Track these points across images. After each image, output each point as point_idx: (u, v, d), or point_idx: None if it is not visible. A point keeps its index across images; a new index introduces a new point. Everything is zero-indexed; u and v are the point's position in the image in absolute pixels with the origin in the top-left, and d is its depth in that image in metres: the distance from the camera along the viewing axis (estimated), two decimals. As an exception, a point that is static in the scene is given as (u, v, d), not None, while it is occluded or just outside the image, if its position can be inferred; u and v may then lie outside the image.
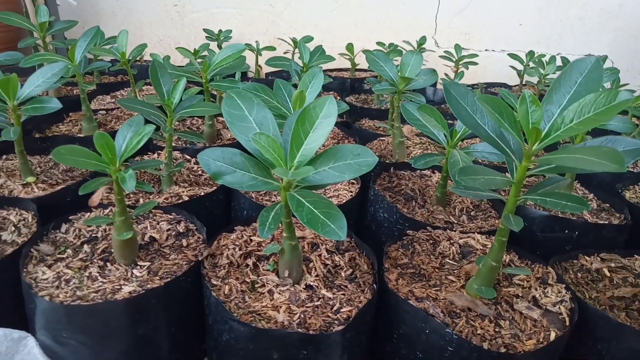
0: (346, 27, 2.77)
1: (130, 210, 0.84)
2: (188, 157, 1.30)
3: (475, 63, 2.15)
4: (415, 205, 1.12)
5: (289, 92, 1.12)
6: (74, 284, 0.79)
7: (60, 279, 0.80)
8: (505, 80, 2.58)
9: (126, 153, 0.77)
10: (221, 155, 0.72)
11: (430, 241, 0.97)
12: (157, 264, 0.85)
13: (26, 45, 1.63)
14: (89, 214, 0.99)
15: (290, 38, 2.45)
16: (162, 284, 0.78)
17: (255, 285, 0.82)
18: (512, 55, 2.16)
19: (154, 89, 1.88)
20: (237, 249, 0.89)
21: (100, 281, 0.80)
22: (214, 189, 1.12)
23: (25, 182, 1.11)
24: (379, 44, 2.29)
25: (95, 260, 0.85)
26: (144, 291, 0.76)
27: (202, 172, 1.24)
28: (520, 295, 0.83)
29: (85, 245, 0.89)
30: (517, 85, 2.43)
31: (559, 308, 0.79)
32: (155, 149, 1.34)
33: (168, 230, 0.95)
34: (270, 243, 0.93)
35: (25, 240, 0.90)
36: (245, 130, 0.75)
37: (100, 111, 1.57)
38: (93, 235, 0.92)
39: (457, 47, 2.20)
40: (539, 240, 1.06)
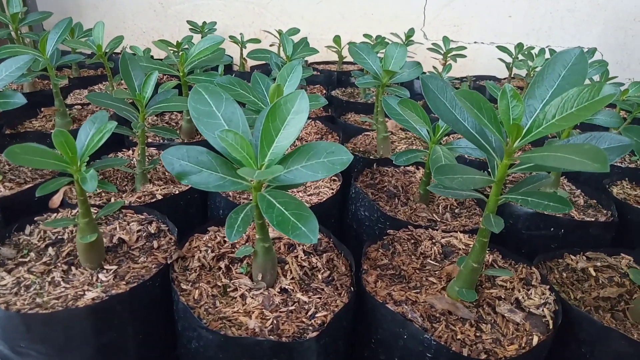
0: (333, 19, 2.72)
1: (95, 211, 0.80)
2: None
3: (463, 56, 2.12)
4: (398, 203, 1.09)
5: (267, 86, 1.08)
6: (34, 290, 0.75)
7: (20, 285, 0.75)
8: (494, 73, 2.56)
9: (87, 151, 0.73)
10: (186, 154, 0.68)
11: (412, 241, 0.93)
12: (125, 268, 0.81)
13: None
14: (55, 214, 0.94)
15: (276, 30, 2.40)
16: (128, 290, 0.74)
17: (227, 290, 0.79)
18: (501, 48, 2.13)
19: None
20: (210, 251, 0.85)
21: (63, 287, 0.76)
22: (190, 187, 1.08)
23: (-10, 181, 1.07)
24: (365, 36, 2.25)
25: (60, 264, 0.81)
26: (107, 297, 0.72)
27: (179, 170, 1.20)
28: (503, 297, 0.80)
29: (50, 248, 0.85)
30: (506, 78, 2.40)
31: (543, 310, 0.77)
32: (131, 145, 1.30)
33: (139, 231, 0.91)
34: (244, 245, 0.89)
35: (-14, 243, 0.85)
36: (213, 127, 0.71)
37: (75, 106, 1.52)
38: (59, 237, 0.88)
39: (446, 40, 2.17)
40: (524, 238, 1.03)
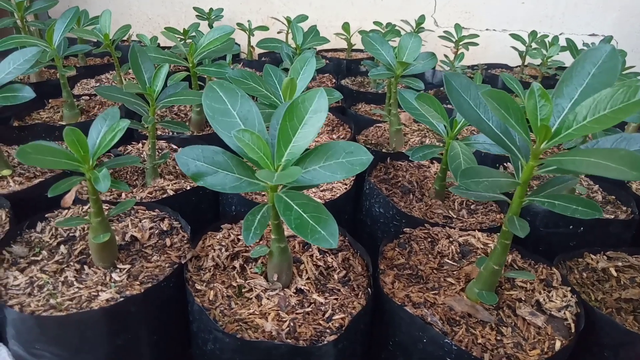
0: (342, 5, 2.67)
1: (107, 208, 0.78)
2: (175, 147, 1.24)
3: (475, 44, 2.07)
4: (412, 199, 1.07)
5: (279, 79, 1.06)
6: (47, 290, 0.74)
7: (33, 285, 0.75)
8: (506, 61, 2.51)
9: (99, 150, 0.71)
10: (201, 154, 0.66)
11: (429, 239, 0.92)
12: (138, 267, 0.80)
13: (3, 25, 1.54)
14: (66, 211, 0.93)
15: (284, 17, 2.36)
16: (142, 291, 0.73)
17: (243, 290, 0.77)
18: (514, 36, 2.08)
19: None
20: (224, 250, 0.84)
21: (76, 287, 0.75)
22: (201, 182, 1.06)
23: (0, 175, 1.05)
24: (376, 23, 2.20)
25: (72, 263, 0.80)
26: (122, 299, 0.71)
27: (189, 163, 1.18)
28: (523, 299, 0.78)
29: (62, 246, 0.84)
30: (519, 67, 2.35)
31: (564, 313, 0.75)
32: (140, 138, 1.28)
33: (151, 228, 0.90)
34: (258, 243, 0.88)
35: (-3, 241, 0.84)
36: (228, 126, 0.69)
37: (83, 96, 1.49)
38: (71, 234, 0.87)
39: (457, 27, 2.12)
40: (542, 235, 1.01)
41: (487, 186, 0.60)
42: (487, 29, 2.60)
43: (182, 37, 2.17)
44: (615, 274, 0.87)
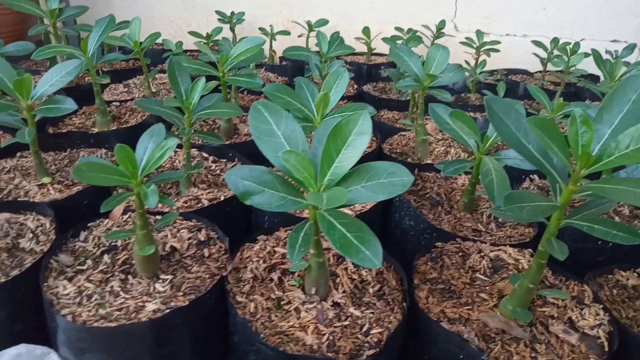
0: (362, 9, 2.68)
1: (151, 221, 0.81)
2: (205, 156, 1.27)
3: (497, 50, 2.08)
4: (441, 211, 1.08)
5: (311, 92, 1.08)
6: (95, 300, 0.77)
7: (82, 295, 0.78)
8: (526, 67, 2.50)
9: (148, 167, 0.73)
10: (249, 173, 0.69)
11: (460, 254, 0.93)
12: (180, 278, 0.83)
13: (37, 32, 1.58)
14: (107, 220, 0.96)
15: (305, 21, 2.38)
16: (187, 303, 0.75)
17: (281, 303, 0.80)
18: (536, 43, 2.07)
19: (167, 77, 1.84)
20: (261, 262, 0.86)
21: (123, 297, 0.77)
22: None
23: (40, 183, 1.09)
24: (397, 29, 2.22)
25: (117, 273, 0.83)
26: (169, 311, 0.74)
27: (221, 172, 1.21)
28: (556, 316, 0.80)
29: (105, 256, 0.87)
30: (540, 72, 2.35)
31: (597, 332, 0.76)
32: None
33: (189, 239, 0.92)
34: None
35: (44, 250, 0.87)
36: (274, 146, 0.71)
37: (113, 103, 1.53)
38: (113, 243, 0.90)
39: (479, 33, 2.12)
40: (570, 250, 1.02)
41: (531, 211, 0.62)
42: (507, 34, 2.59)
43: (206, 41, 2.20)
44: (645, 291, 0.88)
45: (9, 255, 0.86)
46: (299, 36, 2.42)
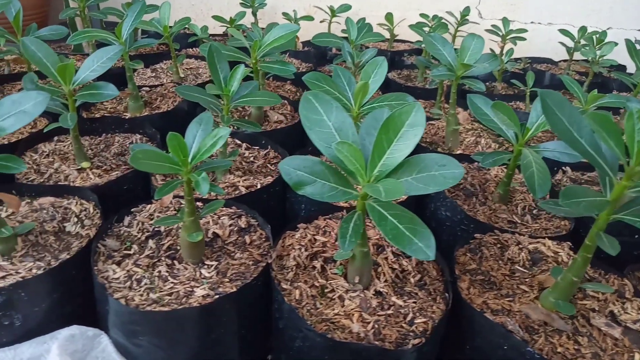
0: (384, -5, 2.65)
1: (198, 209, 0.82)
2: (238, 143, 1.28)
3: (523, 38, 2.04)
4: (476, 202, 1.09)
5: (348, 80, 1.08)
6: (145, 284, 0.78)
7: (132, 279, 0.79)
8: (550, 55, 2.47)
9: (199, 156, 0.74)
10: (302, 164, 0.69)
11: (498, 245, 0.94)
12: (224, 264, 0.84)
13: (67, 16, 1.59)
14: (149, 205, 0.97)
15: (327, 6, 2.36)
16: (236, 289, 0.77)
17: (325, 291, 0.81)
18: (563, 31, 2.04)
19: (194, 62, 1.84)
20: (303, 250, 0.88)
21: (171, 282, 0.79)
22: (272, 180, 1.09)
23: (79, 167, 1.10)
24: (422, 16, 2.19)
25: (163, 258, 0.84)
26: (218, 296, 0.76)
27: (254, 159, 1.22)
28: (597, 309, 0.80)
29: (150, 241, 0.88)
30: (565, 62, 2.32)
31: (640, 326, 0.77)
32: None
33: (230, 225, 0.94)
34: (335, 242, 0.91)
35: (89, 233, 0.89)
36: (324, 137, 0.72)
37: (143, 88, 1.53)
38: (156, 229, 0.92)
39: (505, 21, 2.09)
40: (606, 243, 1.02)
41: (586, 206, 0.62)
42: (532, 22, 2.55)
43: (228, 26, 2.20)
44: (684, 286, 0.88)
45: (56, 239, 0.88)
46: (321, 22, 2.41)
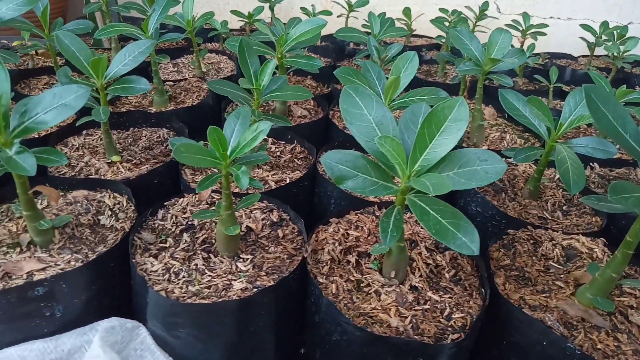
0: (402, -11, 2.63)
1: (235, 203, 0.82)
2: (264, 137, 1.27)
3: (543, 33, 2.03)
4: (505, 198, 1.08)
5: (377, 75, 1.08)
6: (183, 277, 0.79)
7: (170, 271, 0.80)
8: (569, 51, 2.44)
9: (238, 150, 0.75)
10: (344, 158, 0.69)
11: (531, 241, 0.93)
12: (259, 257, 0.85)
13: (90, 10, 1.59)
14: (182, 199, 0.98)
15: (345, 1, 2.35)
16: (274, 283, 0.77)
17: (361, 285, 0.81)
18: (584, 26, 2.02)
19: (215, 57, 1.84)
20: (337, 244, 0.88)
21: (209, 275, 0.80)
22: (301, 175, 1.10)
23: (110, 161, 1.11)
24: (442, 10, 2.17)
25: (199, 252, 0.85)
26: (257, 290, 0.76)
27: (281, 154, 1.22)
28: (635, 306, 0.80)
29: (185, 234, 0.89)
30: (586, 57, 2.30)
31: (679, 323, 0.76)
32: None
33: (262, 219, 0.94)
34: (368, 237, 0.91)
35: (124, 227, 0.90)
36: (365, 131, 0.72)
37: (166, 82, 1.54)
38: (189, 222, 0.92)
39: (525, 16, 2.07)
40: None
41: (634, 202, 0.61)
42: (551, 17, 2.53)
43: (247, 20, 2.20)
44: None
45: (92, 232, 0.89)
46: (339, 16, 2.39)
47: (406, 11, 2.33)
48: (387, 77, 1.03)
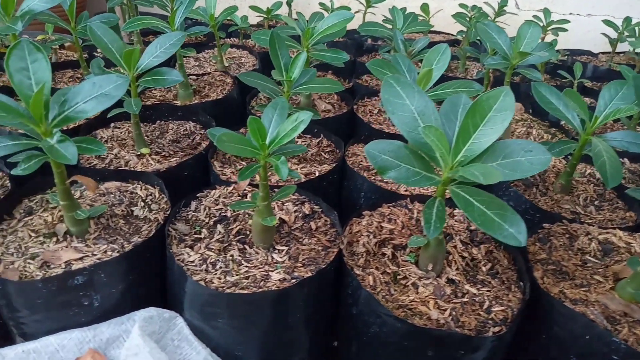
0: (419, -15, 2.61)
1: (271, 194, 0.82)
2: (291, 130, 1.27)
3: (564, 29, 2.01)
4: (536, 192, 1.07)
5: (408, 67, 1.07)
6: (220, 267, 0.79)
7: (207, 262, 0.80)
8: (588, 47, 2.42)
9: (277, 140, 0.74)
10: (386, 148, 0.69)
11: (567, 235, 0.92)
12: (294, 249, 0.84)
13: (114, 5, 1.60)
14: (213, 191, 0.98)
15: (363, -3, 2.34)
16: (313, 274, 0.77)
17: (398, 277, 0.81)
18: (607, 22, 2.00)
19: (236, 51, 1.84)
20: (372, 237, 0.87)
21: (245, 266, 0.80)
22: (330, 168, 1.09)
23: (139, 153, 1.11)
24: (461, 6, 2.16)
25: (234, 243, 0.85)
26: (298, 280, 0.76)
27: (308, 147, 1.21)
28: (677, 301, 0.79)
29: (219, 225, 0.89)
30: (606, 54, 2.27)
31: None
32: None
33: (295, 211, 0.94)
34: (402, 230, 0.91)
35: (157, 218, 0.90)
36: (407, 121, 0.71)
37: (190, 76, 1.54)
38: (222, 214, 0.92)
39: (546, 12, 2.06)
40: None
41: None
42: (571, 13, 2.50)
43: (266, 16, 2.20)
44: None
45: (125, 222, 0.89)
46: (356, 12, 2.38)
47: (424, 7, 2.32)
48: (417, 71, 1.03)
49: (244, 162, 1.13)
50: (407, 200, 0.98)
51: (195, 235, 0.86)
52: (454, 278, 0.81)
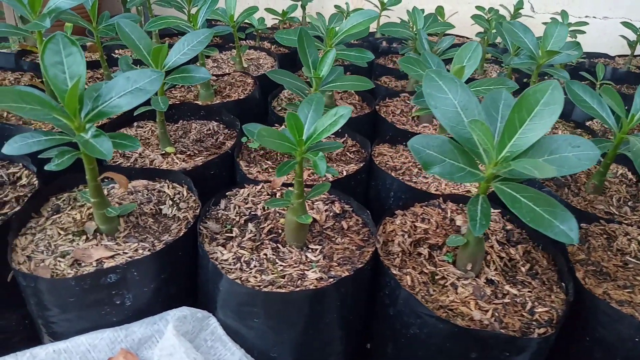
0: (434, -12, 2.60)
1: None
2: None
3: (582, 32, 1.99)
4: (568, 193, 1.05)
5: (436, 65, 1.06)
6: (254, 266, 0.77)
7: (240, 260, 0.78)
8: (604, 50, 2.40)
9: (315, 136, 0.72)
10: (431, 143, 0.67)
11: (605, 236, 0.90)
12: (328, 248, 0.83)
13: (134, 5, 1.59)
14: (242, 189, 0.96)
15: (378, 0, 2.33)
16: (351, 273, 0.75)
17: (436, 277, 0.79)
18: (626, 24, 1.98)
19: (254, 52, 1.83)
20: (406, 236, 0.85)
21: (280, 265, 0.78)
22: (357, 168, 1.07)
23: (163, 152, 1.10)
24: (478, 8, 2.15)
25: (266, 241, 0.83)
26: (336, 280, 0.74)
27: (333, 147, 1.19)
28: None
29: (249, 224, 0.87)
30: (623, 57, 2.25)
31: None
32: (277, 120, 1.30)
33: (326, 210, 0.92)
34: (437, 230, 0.89)
35: (187, 216, 0.88)
36: (450, 115, 0.69)
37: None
38: (252, 212, 0.90)
39: (564, 14, 2.04)
40: None
41: None
42: (587, 16, 2.49)
43: (281, 18, 2.19)
44: None
45: (154, 221, 0.88)
46: (371, 15, 2.38)
47: (439, 10, 2.30)
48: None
49: (269, 162, 1.12)
50: (440, 199, 0.96)
51: (227, 234, 0.85)
52: (493, 278, 0.79)
